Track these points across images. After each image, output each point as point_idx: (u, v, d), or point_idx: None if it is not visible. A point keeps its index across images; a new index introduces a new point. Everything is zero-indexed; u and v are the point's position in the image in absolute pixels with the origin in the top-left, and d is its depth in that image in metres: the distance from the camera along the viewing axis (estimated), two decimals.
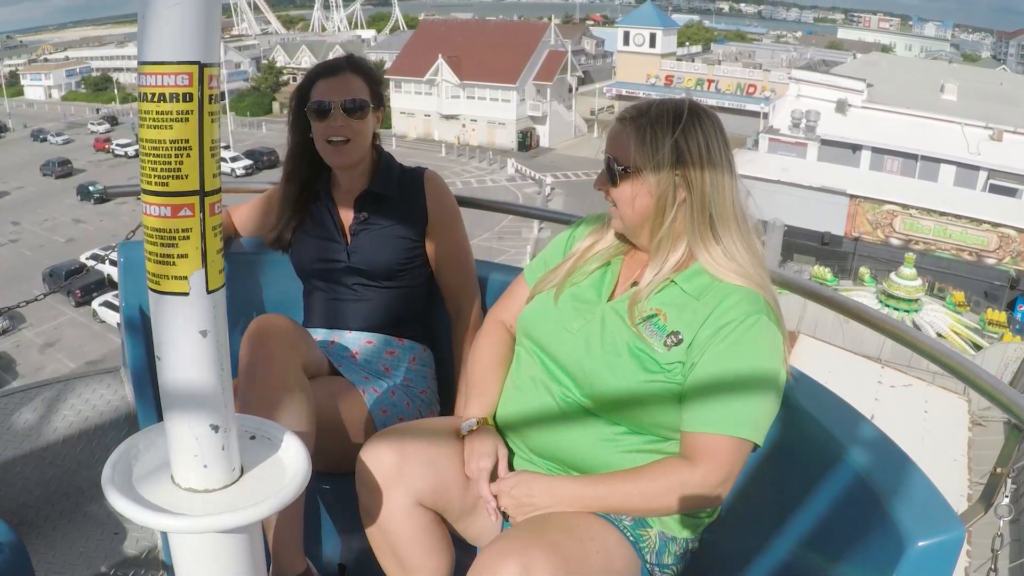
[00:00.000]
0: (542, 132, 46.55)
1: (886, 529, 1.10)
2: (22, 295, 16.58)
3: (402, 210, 1.83)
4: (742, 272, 1.30)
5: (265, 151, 43.57)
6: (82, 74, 71.25)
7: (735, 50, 58.99)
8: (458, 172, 41.62)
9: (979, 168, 22.60)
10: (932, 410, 11.04)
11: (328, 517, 1.74)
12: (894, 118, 23.84)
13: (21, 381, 21.61)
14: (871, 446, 1.26)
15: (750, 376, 1.25)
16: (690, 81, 43.80)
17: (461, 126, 46.59)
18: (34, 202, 39.99)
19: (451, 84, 46.03)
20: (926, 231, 22.09)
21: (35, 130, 53.95)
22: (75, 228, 35.19)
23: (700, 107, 1.34)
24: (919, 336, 1.47)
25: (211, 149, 0.87)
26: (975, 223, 21.60)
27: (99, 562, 1.80)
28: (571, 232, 1.53)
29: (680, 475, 1.26)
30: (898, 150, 23.40)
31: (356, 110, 1.77)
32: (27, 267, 30.22)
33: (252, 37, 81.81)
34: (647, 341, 1.30)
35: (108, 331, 23.12)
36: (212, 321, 0.91)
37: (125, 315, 1.98)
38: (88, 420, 2.01)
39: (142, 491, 0.97)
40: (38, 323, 25.81)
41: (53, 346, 24.29)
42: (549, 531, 1.25)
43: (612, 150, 1.35)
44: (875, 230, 22.52)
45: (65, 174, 43.98)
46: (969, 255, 21.55)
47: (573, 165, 41.29)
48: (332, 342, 1.83)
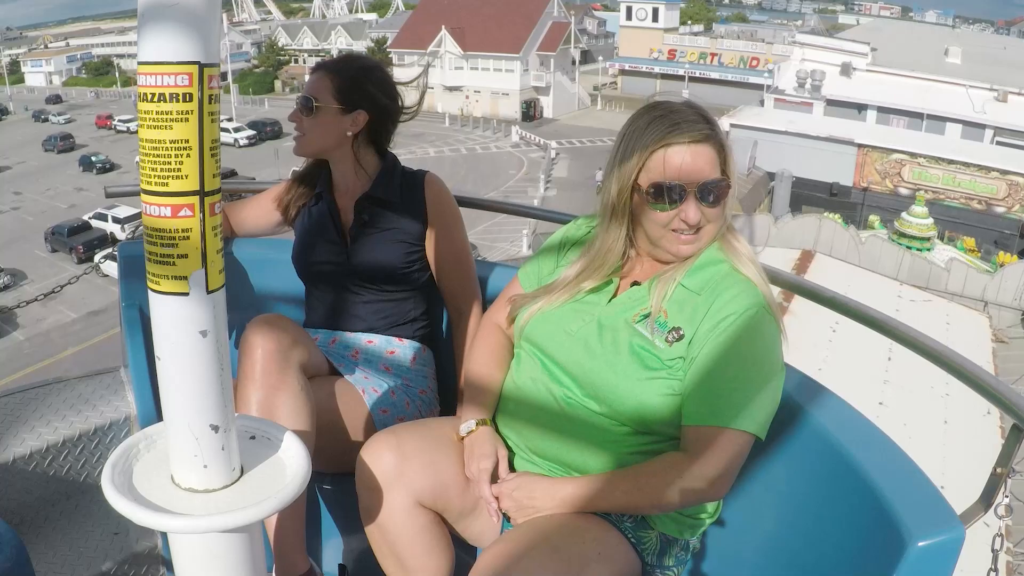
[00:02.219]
0: (546, 103, 46.78)
1: (886, 529, 1.10)
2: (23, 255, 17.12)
3: (402, 213, 1.83)
4: (754, 260, 1.33)
5: (268, 122, 43.77)
6: (83, 60, 71.08)
7: (737, 30, 59.01)
8: (462, 140, 42.07)
9: (985, 126, 22.69)
10: (954, 324, 11.13)
11: (328, 517, 1.74)
12: (899, 80, 24.01)
13: (21, 333, 22.46)
14: (871, 446, 1.26)
15: (749, 369, 1.25)
16: (693, 55, 43.87)
17: (464, 97, 46.71)
18: (36, 174, 40.08)
19: (454, 55, 46.17)
20: (934, 180, 22.11)
21: (36, 111, 53.91)
22: (77, 195, 35.25)
23: None
24: (919, 336, 1.46)
25: (211, 149, 0.87)
26: (984, 171, 21.65)
27: (99, 562, 1.80)
28: (563, 234, 1.52)
29: (679, 468, 1.25)
30: (904, 109, 23.45)
31: (305, 108, 1.79)
32: (28, 230, 30.53)
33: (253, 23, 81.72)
34: (649, 338, 1.30)
35: (110, 284, 23.42)
36: (212, 321, 0.91)
37: (125, 315, 1.98)
38: (88, 420, 2.01)
39: (142, 491, 0.97)
40: (39, 279, 26.20)
41: (54, 299, 24.68)
42: (550, 533, 1.25)
43: (711, 174, 1.28)
44: (883, 180, 22.55)
45: (67, 148, 43.88)
46: (978, 203, 21.54)
47: (577, 134, 41.65)
48: (332, 342, 1.83)
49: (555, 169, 34.99)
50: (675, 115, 1.26)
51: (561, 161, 36.82)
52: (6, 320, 22.55)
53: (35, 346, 21.74)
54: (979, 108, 22.47)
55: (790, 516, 1.38)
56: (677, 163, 1.26)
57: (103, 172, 39.35)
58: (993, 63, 24.43)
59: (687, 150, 1.26)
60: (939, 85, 23.38)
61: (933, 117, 23.13)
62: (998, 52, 26.38)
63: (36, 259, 28.23)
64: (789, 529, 1.37)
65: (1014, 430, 1.25)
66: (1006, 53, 26.39)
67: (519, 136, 41.19)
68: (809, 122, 23.32)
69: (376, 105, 1.81)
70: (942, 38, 27.73)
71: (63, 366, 16.65)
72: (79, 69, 70.04)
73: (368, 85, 1.80)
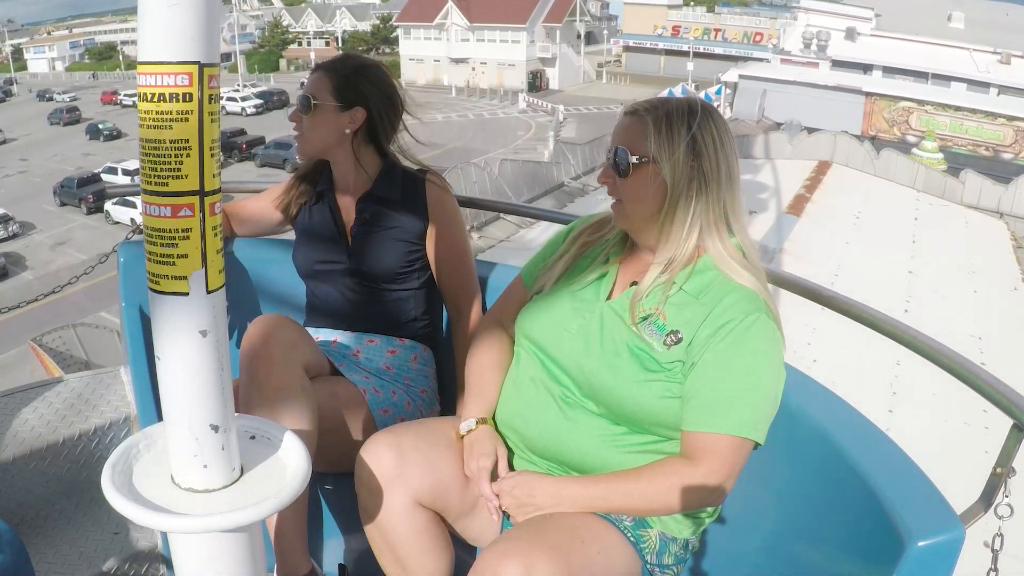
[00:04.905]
0: (551, 75, 47.20)
1: (886, 529, 1.10)
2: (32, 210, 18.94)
3: (403, 212, 1.83)
4: (748, 267, 1.30)
5: (275, 91, 44.37)
6: (86, 46, 70.90)
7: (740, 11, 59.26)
8: (469, 107, 42.79)
9: (989, 85, 22.80)
10: (973, 229, 11.21)
11: (328, 517, 1.74)
12: (903, 45, 24.20)
13: (30, 274, 23.26)
14: (871, 446, 1.26)
15: (750, 375, 1.24)
16: (697, 31, 43.92)
17: (471, 69, 47.12)
18: (42, 144, 40.31)
19: (461, 27, 46.57)
20: (942, 127, 22.26)
21: (40, 90, 53.87)
22: (84, 160, 35.45)
23: (711, 105, 1.34)
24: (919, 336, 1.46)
25: (211, 149, 0.87)
26: (990, 118, 21.75)
27: (99, 562, 1.80)
28: (567, 231, 1.52)
29: (681, 475, 1.26)
30: (909, 68, 23.59)
31: (304, 107, 1.80)
32: (36, 190, 30.98)
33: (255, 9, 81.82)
34: (647, 340, 1.29)
35: (120, 230, 23.73)
36: (212, 321, 0.91)
37: (125, 315, 1.98)
38: (88, 420, 2.01)
39: (142, 491, 0.97)
40: (48, 228, 26.82)
41: (64, 244, 25.21)
42: (551, 532, 1.25)
43: (623, 141, 1.32)
44: (891, 128, 22.64)
45: (72, 121, 43.96)
46: (986, 150, 21.62)
47: (584, 103, 42.39)
48: (333, 342, 1.83)
49: (563, 130, 35.50)
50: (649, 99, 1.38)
51: (569, 124, 37.49)
52: (15, 263, 23.87)
53: (44, 284, 22.57)
54: (983, 69, 22.63)
55: (790, 516, 1.38)
56: (615, 127, 1.37)
57: (111, 139, 39.37)
58: (996, 28, 24.53)
59: (623, 118, 1.35)
60: (943, 49, 23.55)
61: (938, 76, 23.29)
62: (1000, 17, 26.44)
63: (45, 212, 28.67)
64: (789, 529, 1.37)
65: (1014, 430, 1.25)
66: (1008, 18, 26.44)
67: (526, 103, 41.78)
68: (817, 75, 23.57)
69: (373, 102, 1.81)
70: (945, 4, 27.75)
71: (71, 300, 16.83)
72: (82, 55, 69.84)
73: (365, 82, 1.80)
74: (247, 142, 35.29)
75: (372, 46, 62.74)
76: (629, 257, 1.42)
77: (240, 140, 35.54)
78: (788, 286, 1.72)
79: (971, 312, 8.44)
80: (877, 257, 8.39)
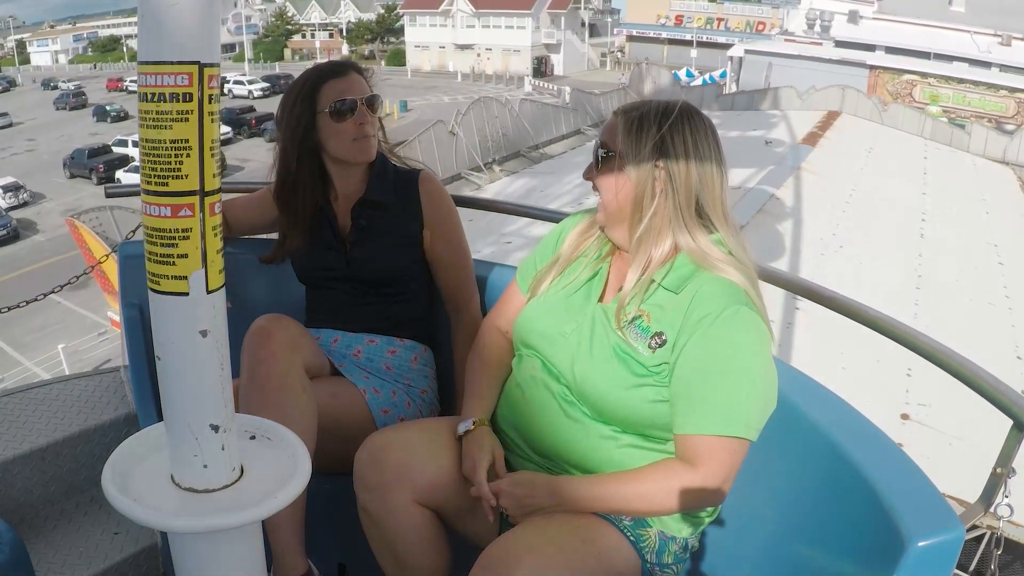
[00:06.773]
0: (556, 61, 47.52)
1: (886, 529, 1.10)
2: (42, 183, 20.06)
3: (399, 214, 1.83)
4: (731, 262, 1.27)
5: (283, 75, 44.70)
6: (89, 39, 70.90)
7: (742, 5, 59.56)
8: (475, 91, 43.03)
9: (991, 64, 23.08)
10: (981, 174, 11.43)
11: (328, 517, 1.74)
12: (905, 28, 24.55)
13: (42, 236, 24.37)
14: (871, 446, 1.26)
15: (733, 371, 1.22)
16: (700, 20, 44.02)
17: (476, 55, 47.32)
18: (49, 126, 40.57)
19: (466, 13, 46.73)
20: (945, 99, 22.59)
21: (45, 79, 53.91)
22: (92, 139, 35.68)
23: (694, 108, 1.33)
24: (919, 336, 1.46)
25: (211, 149, 0.87)
26: (992, 89, 22.03)
27: (99, 562, 1.80)
28: (560, 229, 1.52)
29: (681, 478, 1.25)
30: (911, 49, 23.91)
31: (377, 105, 1.80)
32: (45, 165, 31.58)
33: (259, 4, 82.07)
34: (632, 344, 1.28)
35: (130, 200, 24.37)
36: (212, 321, 0.91)
37: (125, 315, 1.98)
38: (88, 420, 2.01)
39: (142, 491, 0.97)
40: (58, 197, 27.52)
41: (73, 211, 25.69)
42: (550, 531, 1.25)
43: (602, 136, 1.35)
44: (895, 100, 22.78)
45: (79, 105, 43.98)
46: (988, 122, 21.74)
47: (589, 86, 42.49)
48: (334, 342, 1.83)
49: None
50: None
51: None
52: (26, 227, 25.78)
53: (54, 245, 22.99)
54: (984, 50, 22.90)
55: (790, 516, 1.38)
56: None
57: (118, 121, 39.46)
58: (997, 11, 24.69)
59: (609, 116, 1.37)
60: (944, 31, 23.85)
61: (940, 56, 23.60)
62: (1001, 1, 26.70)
63: (55, 184, 29.20)
64: (788, 529, 1.37)
65: (1014, 430, 1.25)
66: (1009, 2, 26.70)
67: (532, 86, 41.91)
68: (821, 52, 23.96)
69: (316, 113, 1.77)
70: None
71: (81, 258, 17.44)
72: (85, 48, 69.83)
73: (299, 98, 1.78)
74: (256, 118, 36.07)
75: (377, 36, 62.99)
76: (620, 259, 1.41)
77: (249, 116, 36.41)
78: (788, 286, 1.72)
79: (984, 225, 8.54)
80: (891, 179, 8.49)
